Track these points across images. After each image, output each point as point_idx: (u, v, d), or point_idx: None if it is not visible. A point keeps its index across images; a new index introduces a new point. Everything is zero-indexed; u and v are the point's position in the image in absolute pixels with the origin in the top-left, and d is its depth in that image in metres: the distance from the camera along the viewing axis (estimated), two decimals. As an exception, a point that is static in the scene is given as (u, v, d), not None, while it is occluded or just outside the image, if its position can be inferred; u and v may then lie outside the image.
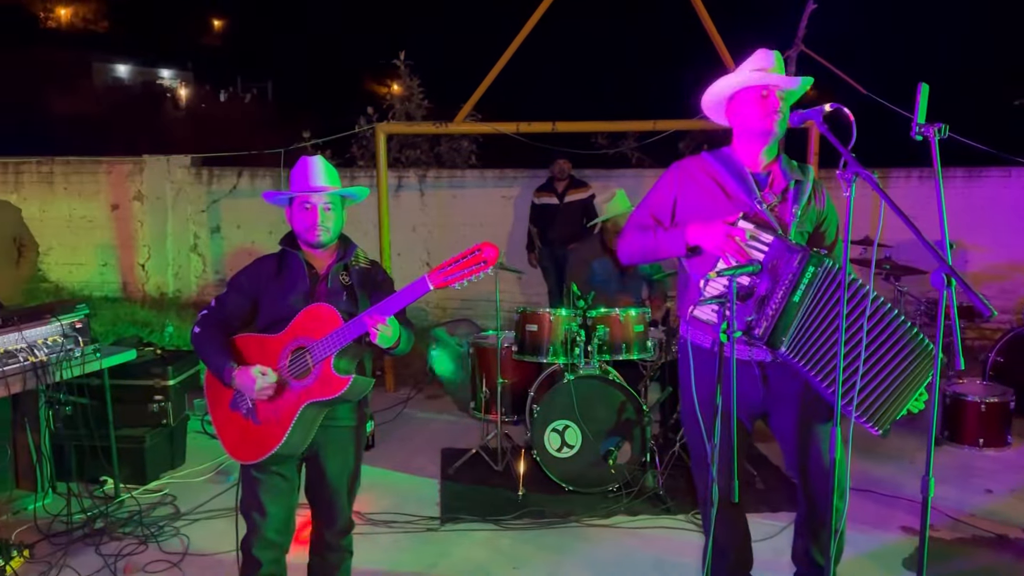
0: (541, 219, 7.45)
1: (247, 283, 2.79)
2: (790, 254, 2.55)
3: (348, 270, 2.81)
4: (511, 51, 6.21)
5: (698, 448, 2.92)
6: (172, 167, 9.07)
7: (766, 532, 3.84)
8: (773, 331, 2.56)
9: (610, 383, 4.37)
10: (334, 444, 2.81)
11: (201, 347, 2.74)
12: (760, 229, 2.58)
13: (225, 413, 2.77)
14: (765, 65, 2.71)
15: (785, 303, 2.55)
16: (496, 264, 2.57)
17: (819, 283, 2.54)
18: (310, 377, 2.64)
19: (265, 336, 2.73)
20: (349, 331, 2.59)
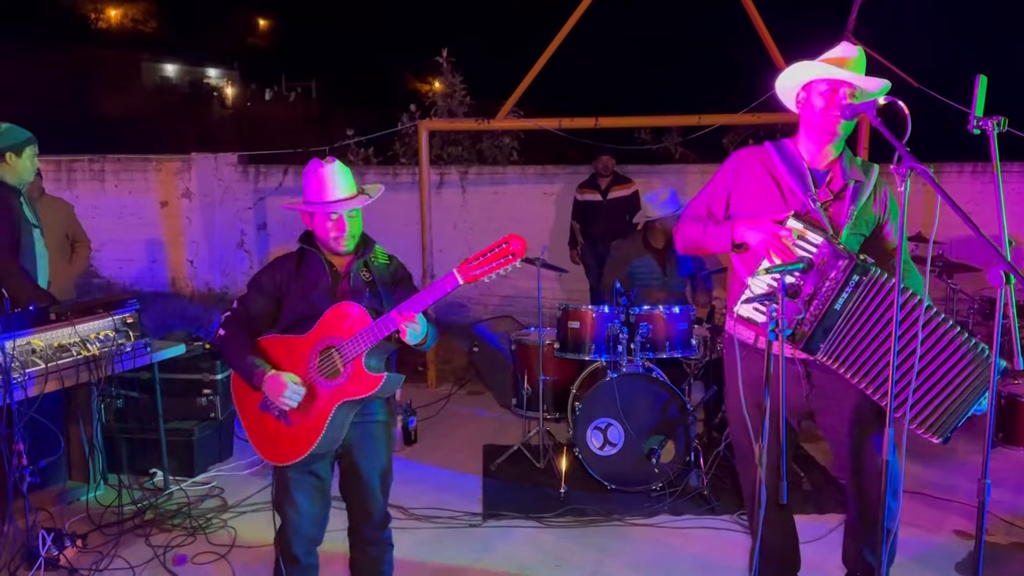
0: (583, 216, 7.41)
1: (269, 283, 2.76)
2: (836, 259, 2.49)
3: (368, 267, 2.81)
4: (553, 47, 6.18)
5: (743, 447, 2.88)
6: (220, 165, 9.22)
7: (813, 533, 3.77)
8: (811, 336, 2.52)
9: (653, 381, 4.33)
10: (366, 440, 2.81)
11: (228, 350, 2.73)
12: (810, 229, 2.53)
13: (255, 415, 2.75)
14: (843, 59, 2.63)
15: (826, 309, 2.50)
16: (523, 257, 2.55)
17: (863, 292, 2.48)
18: (341, 376, 2.64)
19: (291, 337, 2.71)
20: (379, 329, 2.58)
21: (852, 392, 2.74)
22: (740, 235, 2.64)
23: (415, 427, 5.21)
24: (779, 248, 2.51)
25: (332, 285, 2.74)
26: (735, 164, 2.81)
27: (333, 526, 2.94)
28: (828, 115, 2.62)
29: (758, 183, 2.74)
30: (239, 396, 2.81)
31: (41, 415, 3.46)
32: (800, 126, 2.77)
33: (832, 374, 2.71)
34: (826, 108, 2.62)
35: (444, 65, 9.54)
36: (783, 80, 2.76)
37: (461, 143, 9.57)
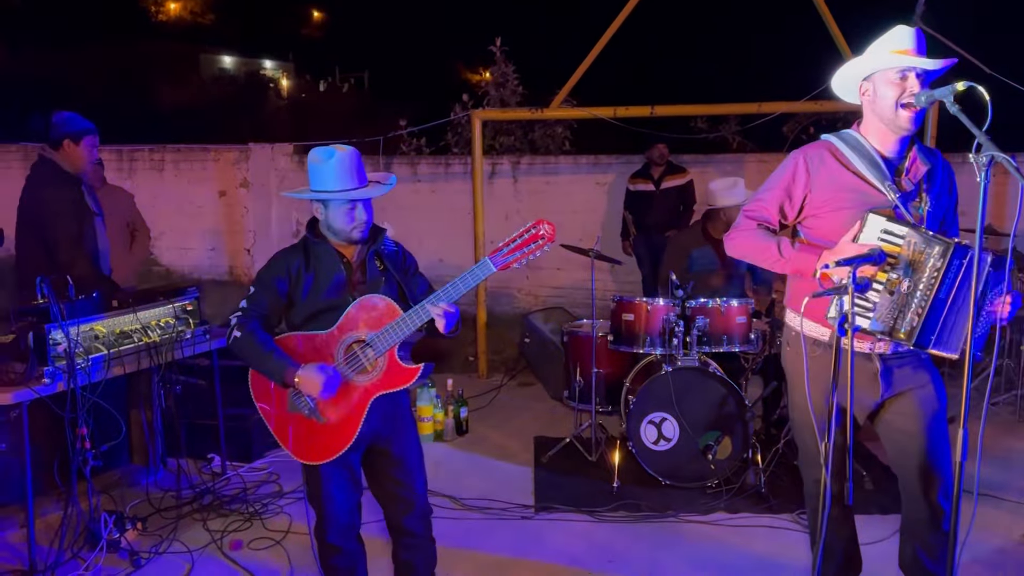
0: (636, 206, 7.30)
1: (277, 279, 2.66)
2: (930, 247, 2.39)
3: (380, 256, 2.75)
4: (608, 35, 6.09)
5: (808, 447, 2.79)
6: (276, 155, 9.33)
7: (875, 534, 3.64)
8: (922, 331, 2.41)
9: (710, 375, 4.25)
10: (399, 430, 2.79)
11: (248, 351, 2.62)
12: (894, 222, 2.43)
13: (283, 416, 2.69)
14: (907, 45, 2.52)
15: (933, 299, 2.39)
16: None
17: (965, 275, 2.37)
18: (375, 370, 2.61)
19: (313, 334, 2.65)
20: (413, 320, 2.56)
21: (921, 390, 2.64)
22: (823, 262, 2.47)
23: (466, 417, 5.20)
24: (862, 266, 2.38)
25: (347, 277, 2.68)
26: (805, 163, 2.67)
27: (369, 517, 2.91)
28: (900, 105, 2.51)
29: (836, 181, 2.61)
30: (262, 397, 2.74)
31: (103, 400, 3.54)
32: (867, 117, 2.65)
33: (910, 368, 2.61)
34: (898, 98, 2.51)
35: (497, 54, 9.49)
36: (843, 74, 2.65)
37: (513, 133, 9.52)
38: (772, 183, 2.74)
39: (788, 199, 2.69)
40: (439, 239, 8.60)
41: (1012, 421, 5.33)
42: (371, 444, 2.76)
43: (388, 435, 2.76)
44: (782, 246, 2.60)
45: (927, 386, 2.63)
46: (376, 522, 2.98)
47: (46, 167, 4.09)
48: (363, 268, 2.71)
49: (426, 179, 8.82)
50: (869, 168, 2.58)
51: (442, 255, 8.63)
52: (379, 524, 2.98)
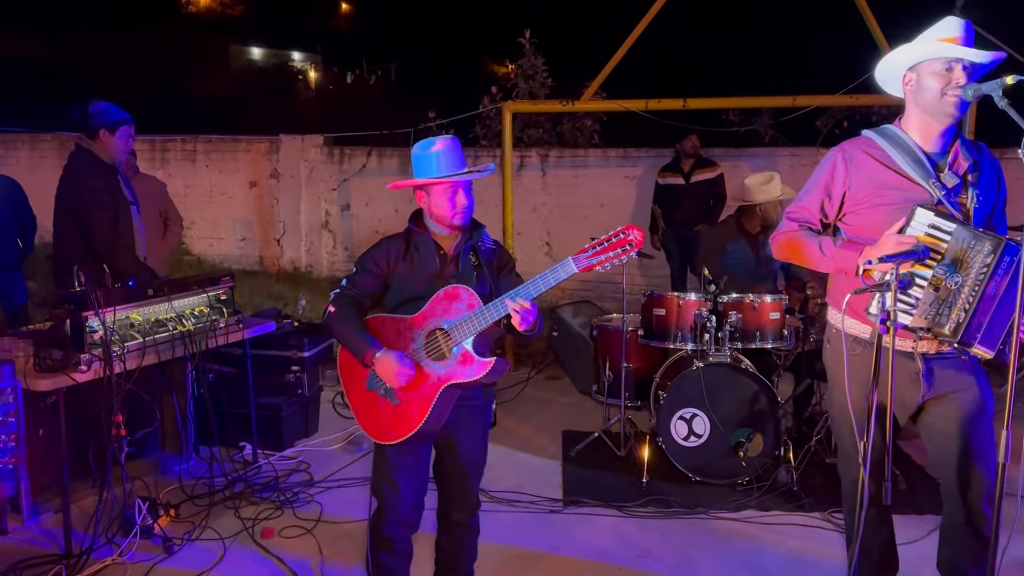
0: (665, 200, 7.25)
1: (378, 263, 2.76)
2: (979, 243, 2.34)
3: (476, 251, 2.79)
4: (641, 27, 6.03)
5: (848, 446, 2.75)
6: (306, 146, 9.39)
7: (911, 535, 3.59)
8: (968, 328, 2.37)
9: (742, 372, 4.20)
10: (466, 423, 2.81)
11: (338, 327, 2.73)
12: (941, 217, 2.38)
13: (362, 392, 2.78)
14: (954, 35, 2.46)
15: (981, 296, 2.34)
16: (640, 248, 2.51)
17: (1015, 272, 2.32)
18: (449, 359, 2.64)
19: (399, 317, 2.73)
20: (489, 313, 2.58)
21: (966, 392, 2.59)
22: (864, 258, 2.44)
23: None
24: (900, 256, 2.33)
25: (440, 268, 2.74)
26: (844, 161, 2.62)
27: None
28: (947, 96, 2.45)
29: (876, 177, 2.56)
30: (346, 373, 2.82)
31: (138, 387, 3.57)
32: (909, 109, 2.59)
33: (954, 368, 2.56)
34: (943, 89, 2.45)
35: (526, 46, 9.46)
36: (888, 62, 2.59)
37: (542, 125, 9.49)
38: (812, 183, 2.72)
39: (828, 198, 2.65)
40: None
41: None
42: (441, 436, 2.79)
43: (459, 427, 2.79)
44: (824, 245, 2.56)
45: (972, 389, 2.57)
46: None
47: (83, 156, 4.14)
48: (457, 261, 2.77)
49: (454, 171, 8.81)
50: (910, 163, 2.52)
51: (470, 247, 8.65)
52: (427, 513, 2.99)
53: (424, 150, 2.71)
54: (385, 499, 2.79)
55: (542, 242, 8.59)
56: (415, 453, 2.78)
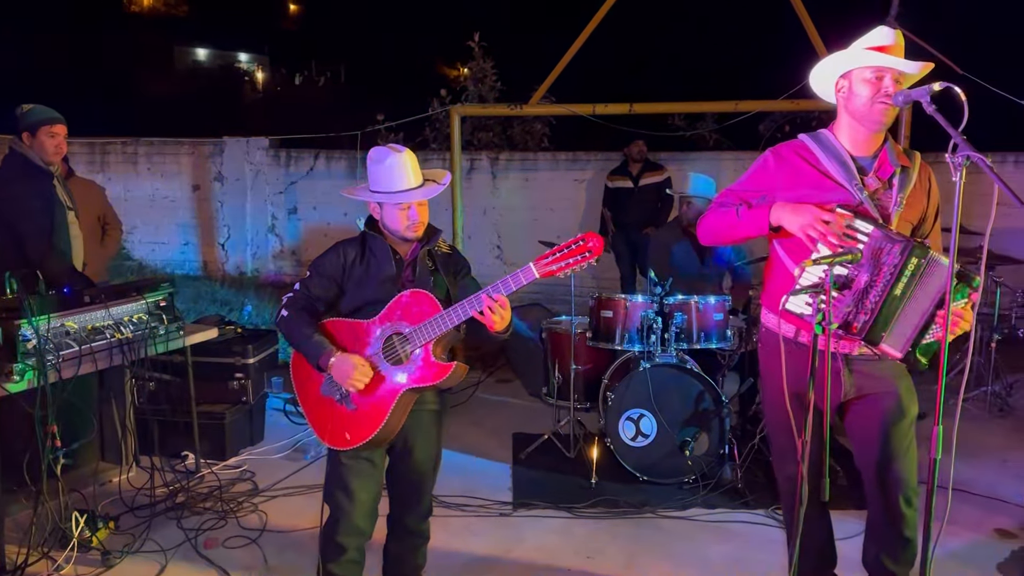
0: (615, 203, 7.33)
1: (332, 268, 2.76)
2: (891, 244, 2.41)
3: (432, 256, 2.79)
4: (587, 32, 6.09)
5: (781, 443, 2.81)
6: (251, 149, 9.25)
7: (850, 529, 3.67)
8: (873, 325, 2.44)
9: (687, 372, 4.26)
10: (421, 429, 2.80)
11: (291, 331, 2.71)
12: (859, 217, 2.45)
13: (316, 397, 2.75)
14: (884, 44, 2.53)
15: (886, 296, 2.42)
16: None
17: (922, 275, 2.40)
18: (409, 363, 2.63)
19: (356, 321, 2.71)
20: (451, 317, 2.57)
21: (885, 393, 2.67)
22: (778, 217, 2.54)
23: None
24: (824, 234, 2.43)
25: (397, 272, 2.73)
26: (774, 161, 2.70)
27: None
28: (876, 103, 2.52)
29: (802, 176, 2.64)
30: (299, 378, 2.81)
31: (74, 397, 3.47)
32: (840, 115, 2.67)
33: (873, 369, 2.63)
34: (872, 96, 2.53)
35: (475, 50, 9.47)
36: (821, 69, 2.66)
37: (491, 129, 9.50)
38: (742, 177, 2.81)
39: (755, 192, 2.72)
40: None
41: (983, 417, 5.41)
42: (396, 441, 2.77)
43: (413, 433, 2.77)
44: (740, 210, 2.68)
45: (892, 392, 2.65)
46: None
47: (15, 160, 4.02)
48: (414, 266, 2.75)
49: (404, 174, 8.76)
50: (837, 166, 2.60)
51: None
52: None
53: (379, 162, 2.70)
54: (339, 506, 2.75)
55: (492, 245, 8.60)
56: (370, 459, 2.75)
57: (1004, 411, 5.47)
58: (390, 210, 2.71)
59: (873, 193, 2.58)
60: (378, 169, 2.70)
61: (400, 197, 2.67)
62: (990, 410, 5.46)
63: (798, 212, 2.50)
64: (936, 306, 2.43)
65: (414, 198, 2.68)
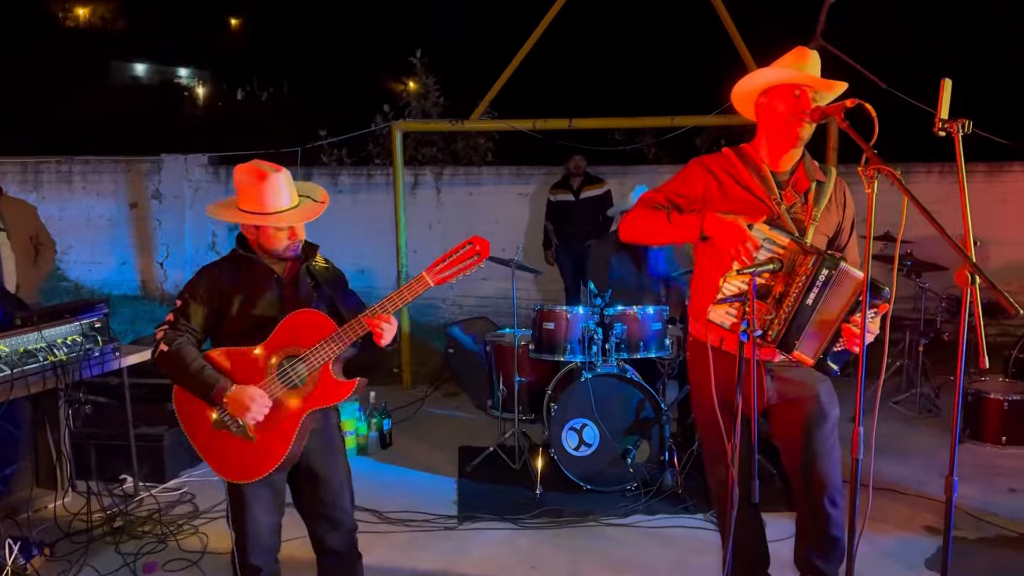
0: (557, 216, 7.42)
1: (207, 293, 2.62)
2: (804, 256, 2.52)
3: (311, 272, 2.74)
4: (526, 49, 6.19)
5: (712, 448, 2.89)
6: (190, 166, 9.12)
7: (787, 531, 3.78)
8: (787, 333, 2.54)
9: (628, 381, 4.35)
10: (323, 446, 2.75)
11: (175, 367, 2.55)
12: (776, 230, 2.55)
13: (209, 433, 2.61)
14: (803, 64, 2.65)
15: (798, 305, 2.53)
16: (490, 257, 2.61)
17: (833, 285, 2.51)
18: (308, 385, 2.58)
19: (243, 348, 2.60)
20: (348, 334, 2.55)
21: (806, 397, 2.77)
22: (711, 228, 2.58)
23: (390, 430, 5.18)
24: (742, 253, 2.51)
25: (279, 293, 2.65)
26: (701, 169, 2.79)
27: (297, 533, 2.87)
28: (792, 119, 2.63)
29: (727, 189, 2.74)
30: (186, 415, 2.65)
31: (7, 422, 3.40)
32: (760, 131, 2.78)
33: (794, 375, 2.74)
34: (789, 112, 2.63)
35: (418, 65, 9.51)
36: (742, 88, 2.77)
37: (436, 144, 9.55)
38: (670, 181, 2.87)
39: (680, 197, 2.78)
40: (361, 250, 8.56)
41: (912, 418, 5.61)
42: (299, 462, 2.70)
43: (317, 453, 2.72)
44: (671, 214, 2.70)
45: (815, 398, 2.76)
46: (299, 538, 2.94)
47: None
48: (295, 284, 2.68)
49: (347, 190, 8.76)
50: (758, 181, 2.71)
51: (364, 266, 8.59)
52: (302, 540, 2.94)
53: (253, 182, 2.58)
54: (246, 531, 2.68)
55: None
56: (270, 484, 2.67)
57: (933, 412, 5.68)
58: (269, 231, 2.61)
59: (791, 207, 2.69)
60: (253, 189, 2.58)
61: (285, 218, 2.59)
62: (920, 411, 5.67)
63: (729, 229, 2.54)
64: (847, 315, 2.54)
65: (300, 219, 2.62)
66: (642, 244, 3.18)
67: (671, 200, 2.79)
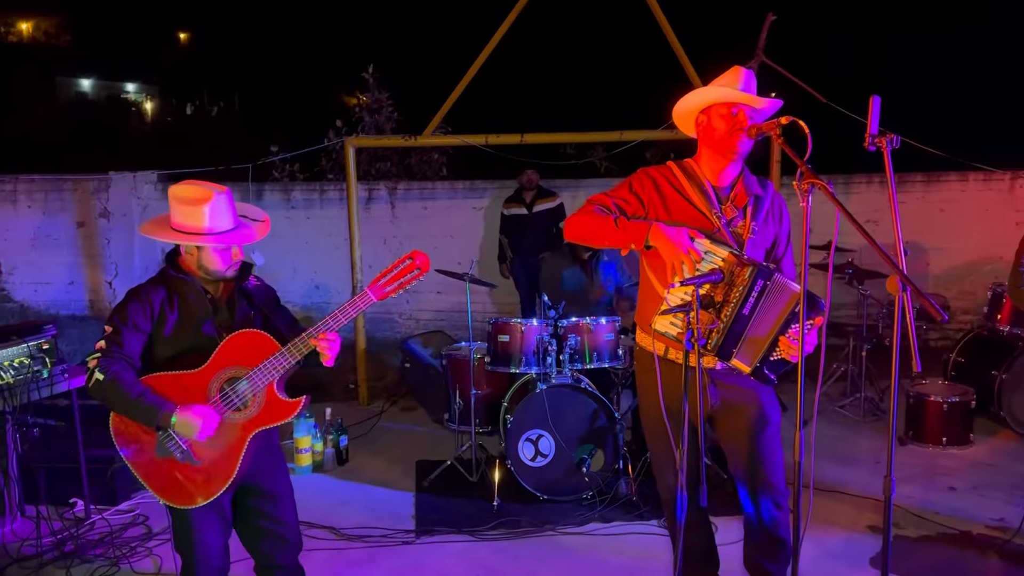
0: (511, 229, 7.50)
1: (139, 317, 2.56)
2: (742, 267, 2.62)
3: (246, 292, 2.74)
4: (478, 64, 6.27)
5: (660, 454, 2.97)
6: (138, 183, 8.99)
7: (737, 534, 3.87)
8: (725, 342, 2.64)
9: (582, 391, 4.42)
10: (272, 465, 2.77)
11: (115, 394, 2.48)
12: (716, 243, 2.65)
13: (152, 460, 2.57)
14: (739, 83, 2.76)
15: (735, 314, 2.62)
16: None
17: (768, 296, 2.62)
18: (252, 406, 2.58)
19: (182, 373, 2.57)
20: (293, 353, 2.56)
21: (749, 403, 2.87)
22: (656, 238, 2.64)
23: (347, 446, 5.17)
24: (685, 264, 2.58)
25: (214, 314, 2.64)
26: (647, 179, 2.87)
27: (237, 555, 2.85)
28: (731, 136, 2.73)
29: (669, 202, 2.83)
30: (126, 443, 2.60)
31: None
32: (701, 147, 2.88)
33: (736, 382, 2.83)
34: (729, 129, 2.74)
35: (370, 81, 9.53)
36: (681, 106, 2.87)
37: (390, 159, 9.57)
38: (617, 188, 2.93)
39: (626, 203, 2.84)
40: (315, 266, 8.53)
41: (857, 422, 5.79)
42: (243, 482, 2.70)
43: (261, 471, 2.72)
44: (618, 219, 2.75)
45: (756, 402, 2.85)
46: (242, 560, 2.93)
47: None
48: (231, 305, 2.67)
49: (300, 206, 8.72)
50: (699, 194, 2.81)
51: (319, 281, 8.56)
52: (245, 563, 2.92)
53: (195, 202, 2.55)
54: (196, 554, 2.65)
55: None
56: (217, 505, 2.64)
57: (877, 415, 5.87)
58: (211, 252, 2.58)
59: (730, 220, 2.80)
60: (194, 209, 2.54)
61: (232, 238, 2.57)
62: (864, 415, 5.84)
63: (674, 239, 2.61)
64: (784, 326, 2.65)
65: (251, 239, 2.61)
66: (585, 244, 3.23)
67: (618, 205, 2.85)
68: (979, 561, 3.76)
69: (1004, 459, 5.02)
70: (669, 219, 2.77)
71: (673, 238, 2.62)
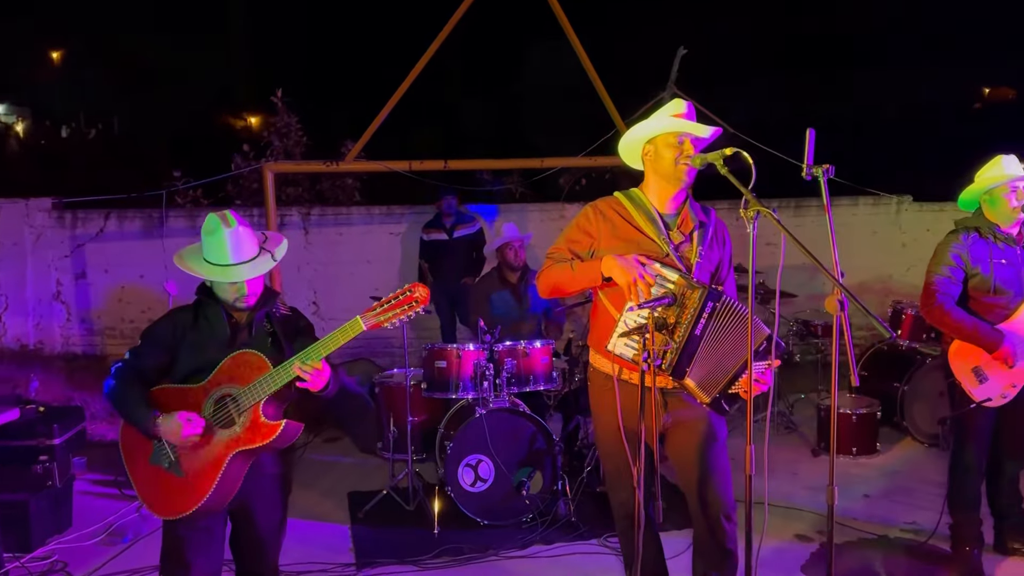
0: (431, 255, 7.49)
1: (163, 335, 2.72)
2: (692, 290, 2.75)
3: (270, 318, 2.79)
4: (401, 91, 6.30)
5: (614, 473, 3.05)
6: (31, 211, 8.48)
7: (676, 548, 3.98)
8: (678, 362, 2.76)
9: (520, 415, 4.46)
10: (261, 492, 2.77)
11: (118, 401, 2.66)
12: (666, 268, 2.77)
13: (144, 469, 2.68)
14: (682, 113, 2.90)
15: (688, 335, 2.74)
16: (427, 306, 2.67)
17: (718, 316, 2.75)
18: (237, 425, 2.60)
19: (185, 387, 2.68)
20: (277, 377, 2.57)
21: (697, 419, 2.98)
22: (609, 269, 2.78)
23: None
24: (640, 288, 2.70)
25: (232, 336, 2.71)
26: (595, 214, 2.98)
27: None
28: (679, 164, 2.87)
29: (617, 229, 2.94)
30: (128, 449, 2.73)
31: None
32: (648, 176, 3.01)
33: (685, 401, 2.95)
34: (676, 158, 2.87)
35: (279, 105, 9.36)
36: (629, 137, 3.00)
37: (300, 183, 9.38)
38: (567, 230, 3.06)
39: (578, 244, 2.98)
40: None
41: (772, 435, 6.05)
42: (236, 507, 2.72)
43: (253, 498, 2.73)
44: (573, 264, 2.92)
45: (704, 419, 2.97)
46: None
47: None
48: (251, 328, 2.73)
49: (209, 233, 8.43)
50: (647, 222, 2.93)
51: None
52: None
53: (208, 233, 2.68)
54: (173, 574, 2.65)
55: (309, 302, 8.43)
56: (207, 529, 2.68)
57: (790, 428, 6.16)
58: (219, 284, 2.71)
59: (678, 246, 2.93)
60: (208, 240, 2.69)
61: (230, 274, 2.66)
62: (777, 429, 6.13)
63: (626, 266, 2.73)
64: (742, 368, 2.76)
65: (242, 276, 2.66)
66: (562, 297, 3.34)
67: (572, 250, 2.98)
68: (899, 561, 4.00)
69: (909, 466, 5.37)
70: (620, 246, 2.88)
71: (625, 266, 2.74)
